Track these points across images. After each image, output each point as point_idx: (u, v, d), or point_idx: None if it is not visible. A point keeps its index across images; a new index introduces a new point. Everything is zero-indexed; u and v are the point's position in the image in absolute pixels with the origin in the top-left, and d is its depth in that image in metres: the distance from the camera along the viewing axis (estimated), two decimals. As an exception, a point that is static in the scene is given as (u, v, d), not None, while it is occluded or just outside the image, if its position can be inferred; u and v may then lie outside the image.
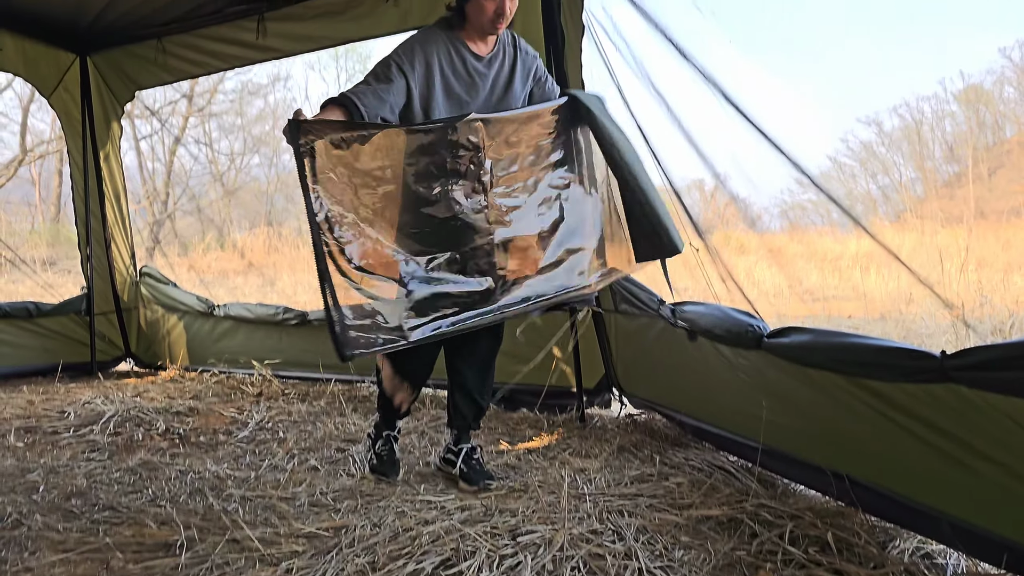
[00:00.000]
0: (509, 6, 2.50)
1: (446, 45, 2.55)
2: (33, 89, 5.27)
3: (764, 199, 3.43)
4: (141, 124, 14.97)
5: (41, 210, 15.85)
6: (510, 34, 2.72)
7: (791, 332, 2.46)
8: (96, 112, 5.29)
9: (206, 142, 16.39)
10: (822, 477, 2.34)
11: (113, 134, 5.39)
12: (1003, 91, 7.67)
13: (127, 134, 5.68)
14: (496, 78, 2.65)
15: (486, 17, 2.50)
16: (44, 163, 15.59)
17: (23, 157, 14.95)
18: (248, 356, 4.97)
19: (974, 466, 1.84)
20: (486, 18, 2.50)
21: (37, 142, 15.24)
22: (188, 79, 5.70)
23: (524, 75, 2.72)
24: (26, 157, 15.03)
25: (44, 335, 5.19)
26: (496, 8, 2.47)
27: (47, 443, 3.43)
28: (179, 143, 15.91)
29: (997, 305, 5.50)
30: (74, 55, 5.21)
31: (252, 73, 16.04)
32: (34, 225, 15.28)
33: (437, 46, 2.53)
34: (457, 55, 2.57)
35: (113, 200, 5.43)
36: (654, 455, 3.07)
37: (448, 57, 2.55)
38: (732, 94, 2.75)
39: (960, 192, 7.94)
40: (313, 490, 2.74)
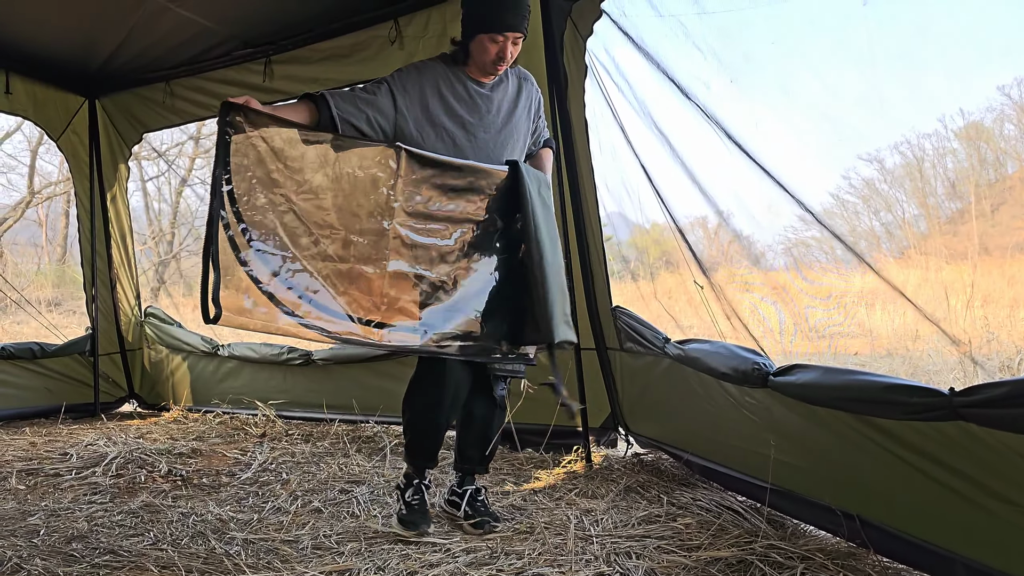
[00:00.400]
0: (511, 50, 2.55)
1: (446, 72, 2.61)
2: (42, 132, 5.33)
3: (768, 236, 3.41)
4: (148, 165, 15.10)
5: (47, 251, 15.93)
6: (517, 68, 2.77)
7: (798, 370, 2.44)
8: (104, 154, 5.35)
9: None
10: (832, 517, 2.31)
11: (120, 175, 5.44)
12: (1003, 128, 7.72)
13: (134, 175, 5.75)
14: (501, 102, 2.68)
15: (488, 58, 2.55)
16: (51, 204, 15.70)
17: (30, 199, 15.07)
18: (252, 396, 4.95)
19: (987, 505, 1.81)
20: (488, 59, 2.55)
21: (44, 184, 15.37)
22: (195, 121, 5.75)
23: (528, 105, 2.76)
24: (33, 199, 15.15)
25: (48, 376, 5.19)
26: (498, 51, 2.53)
27: (49, 485, 3.40)
28: (185, 184, 16.04)
29: (1004, 341, 5.46)
30: (83, 98, 5.29)
31: (258, 115, 16.18)
32: (40, 266, 15.34)
33: (435, 73, 2.60)
34: (458, 81, 2.62)
35: (119, 241, 5.47)
36: (661, 495, 3.03)
37: (448, 82, 2.60)
38: (734, 132, 2.78)
39: (963, 228, 7.94)
40: (316, 532, 2.70)
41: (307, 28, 4.39)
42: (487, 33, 2.52)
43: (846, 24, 2.73)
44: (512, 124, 2.71)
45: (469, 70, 2.64)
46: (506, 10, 2.51)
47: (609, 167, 3.64)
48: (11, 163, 14.93)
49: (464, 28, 2.60)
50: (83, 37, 4.57)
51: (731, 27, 2.90)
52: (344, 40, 4.32)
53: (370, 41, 4.21)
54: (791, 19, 2.81)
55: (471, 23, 2.57)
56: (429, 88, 2.57)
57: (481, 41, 2.53)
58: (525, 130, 2.77)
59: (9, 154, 14.64)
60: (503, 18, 2.51)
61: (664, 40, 3.08)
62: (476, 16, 2.55)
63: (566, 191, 3.68)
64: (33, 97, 5.04)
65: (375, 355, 4.46)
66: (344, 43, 4.32)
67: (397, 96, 2.53)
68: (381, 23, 4.15)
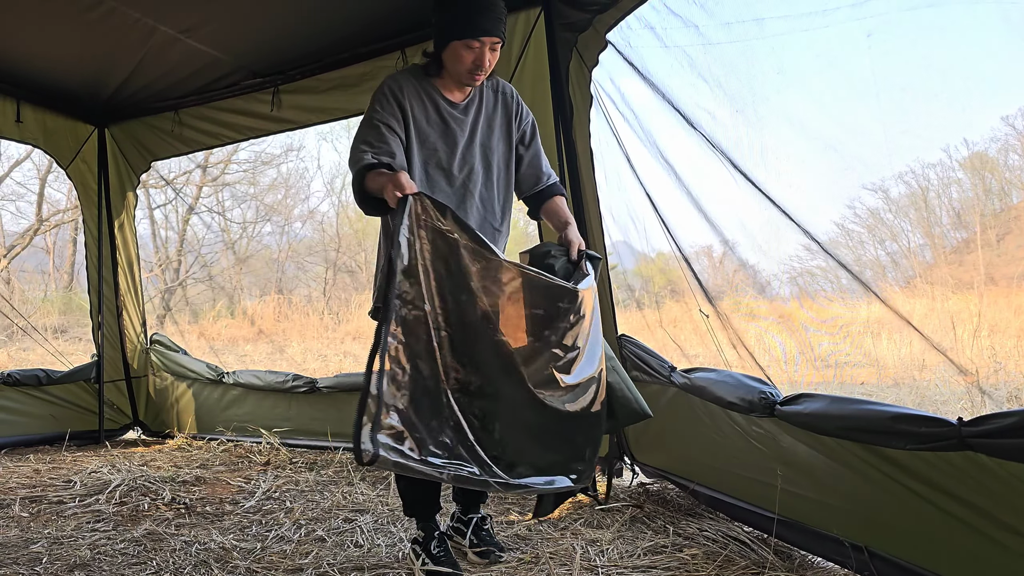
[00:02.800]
0: (489, 57, 2.37)
1: (416, 90, 2.42)
2: (51, 160, 5.39)
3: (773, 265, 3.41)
4: (156, 193, 15.24)
5: (54, 278, 16.00)
6: (494, 79, 2.60)
7: (804, 399, 2.43)
8: (112, 182, 5.40)
9: (219, 211, 16.63)
10: (840, 549, 2.29)
11: (128, 203, 5.48)
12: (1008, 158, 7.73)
13: (141, 203, 5.78)
14: (475, 124, 2.51)
15: (463, 67, 2.37)
16: (59, 232, 15.81)
17: (38, 226, 15.18)
18: (256, 424, 4.94)
19: (996, 536, 1.79)
20: (463, 68, 2.37)
21: (53, 211, 15.49)
22: (203, 150, 5.80)
23: (506, 121, 2.58)
24: (41, 226, 15.26)
25: (53, 403, 5.19)
26: (475, 59, 2.35)
27: (52, 513, 3.39)
28: (192, 212, 16.15)
29: (1012, 371, 5.44)
30: (92, 127, 5.34)
31: (266, 144, 16.35)
32: (47, 293, 15.41)
33: (407, 92, 2.40)
34: (429, 100, 2.44)
35: (126, 268, 5.50)
36: (667, 525, 3.01)
37: (420, 103, 2.42)
38: (739, 162, 2.79)
39: (969, 258, 7.93)
40: (320, 562, 2.68)
41: (315, 58, 4.45)
42: (461, 39, 2.33)
43: (851, 56, 2.75)
44: (490, 150, 2.54)
45: (443, 84, 2.46)
46: (480, 13, 2.32)
47: (614, 196, 3.66)
48: (20, 191, 15.08)
49: (436, 36, 2.41)
50: (94, 67, 4.64)
51: (736, 58, 2.93)
52: (352, 70, 4.37)
53: (377, 71, 4.26)
54: (796, 50, 2.83)
55: (443, 30, 2.37)
56: (407, 112, 2.38)
57: (455, 49, 2.35)
58: (504, 151, 2.59)
59: (18, 182, 14.78)
60: (477, 22, 2.31)
61: (670, 70, 3.11)
62: (448, 22, 2.36)
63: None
64: (43, 126, 5.10)
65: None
66: (352, 72, 4.37)
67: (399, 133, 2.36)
68: (388, 53, 4.20)
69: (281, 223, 17.04)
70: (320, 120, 4.75)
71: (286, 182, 17.45)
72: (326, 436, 4.68)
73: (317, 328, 13.41)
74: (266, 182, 17.11)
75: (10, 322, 10.50)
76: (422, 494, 2.58)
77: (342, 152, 23.30)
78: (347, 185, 18.91)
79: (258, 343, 12.32)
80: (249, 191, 16.80)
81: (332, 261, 17.02)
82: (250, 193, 16.81)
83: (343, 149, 23.51)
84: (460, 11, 2.33)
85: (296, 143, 17.99)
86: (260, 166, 16.67)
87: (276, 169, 17.07)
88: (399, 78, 2.44)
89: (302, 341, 12.27)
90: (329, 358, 10.80)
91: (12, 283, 14.44)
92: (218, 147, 5.74)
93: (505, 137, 2.59)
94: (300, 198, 18.12)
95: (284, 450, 4.69)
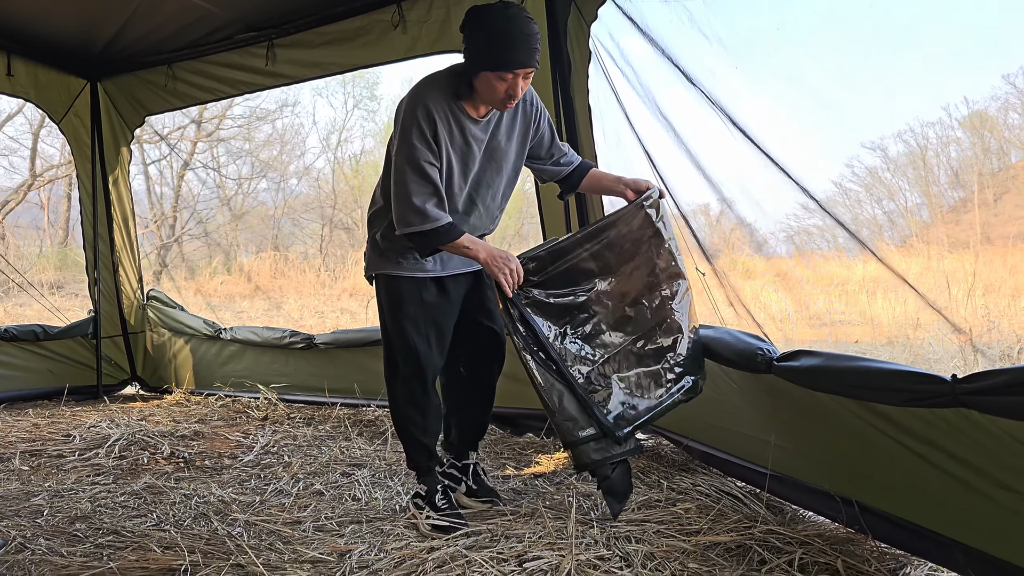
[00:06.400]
0: (523, 85, 2.30)
1: (447, 115, 2.37)
2: (44, 114, 5.32)
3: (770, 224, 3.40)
4: (150, 148, 15.09)
5: (49, 234, 15.93)
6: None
7: (801, 356, 2.44)
8: (106, 137, 5.34)
9: (214, 167, 16.50)
10: (832, 503, 2.32)
11: (122, 159, 5.43)
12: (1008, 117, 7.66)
13: (136, 159, 5.73)
14: (493, 137, 2.49)
15: (496, 96, 2.31)
16: (53, 187, 15.70)
17: (32, 182, 15.06)
18: (254, 380, 4.97)
19: (988, 492, 1.82)
20: (496, 97, 2.32)
21: (46, 167, 15.36)
22: (197, 105, 5.74)
23: (524, 128, 2.56)
24: (35, 182, 15.14)
25: (51, 358, 5.20)
26: (508, 88, 2.29)
27: (52, 467, 3.42)
28: (187, 168, 16.02)
29: (1005, 330, 5.47)
30: (85, 81, 5.27)
31: (261, 99, 16.17)
32: (42, 249, 15.35)
33: (439, 121, 2.35)
34: (456, 125, 2.39)
35: (121, 224, 5.47)
36: (661, 480, 3.05)
37: (448, 129, 2.38)
38: (739, 119, 2.77)
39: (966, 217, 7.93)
40: (318, 515, 2.72)
41: (310, 12, 4.37)
42: (495, 72, 2.26)
43: (852, 13, 2.72)
44: (501, 161, 2.55)
45: (470, 105, 2.41)
46: (515, 46, 2.24)
47: (613, 154, 3.63)
48: (13, 146, 14.94)
49: (468, 61, 2.33)
50: (85, 19, 4.56)
51: (737, 13, 2.89)
52: (347, 24, 4.30)
53: (373, 25, 4.20)
54: (797, 7, 2.79)
55: (475, 58, 2.29)
56: (440, 143, 2.36)
57: (487, 79, 2.28)
58: (515, 158, 2.60)
59: (11, 137, 14.63)
60: (513, 56, 2.24)
61: (669, 26, 3.06)
62: (481, 53, 2.28)
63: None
64: (35, 79, 5.03)
65: (377, 339, 4.48)
66: (347, 27, 4.30)
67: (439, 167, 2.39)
68: (384, 7, 4.13)
69: (277, 179, 16.93)
70: (315, 75, 4.69)
71: (281, 138, 17.31)
72: (323, 392, 4.71)
73: (314, 285, 13.41)
74: (261, 138, 16.97)
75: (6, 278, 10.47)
76: (426, 448, 2.64)
77: (337, 108, 23.02)
78: (343, 142, 18.69)
79: (255, 299, 12.33)
80: (244, 147, 16.66)
81: (328, 218, 16.95)
82: (245, 149, 16.67)
83: (338, 105, 23.25)
84: (494, 43, 2.25)
85: (291, 98, 17.79)
86: (255, 121, 16.51)
87: (271, 125, 16.92)
88: (430, 105, 2.34)
89: (299, 298, 12.28)
90: (326, 315, 10.82)
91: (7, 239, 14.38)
92: (212, 102, 5.67)
93: (520, 145, 2.58)
94: (296, 154, 17.99)
95: (282, 406, 4.72)
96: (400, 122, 2.38)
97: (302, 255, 15.86)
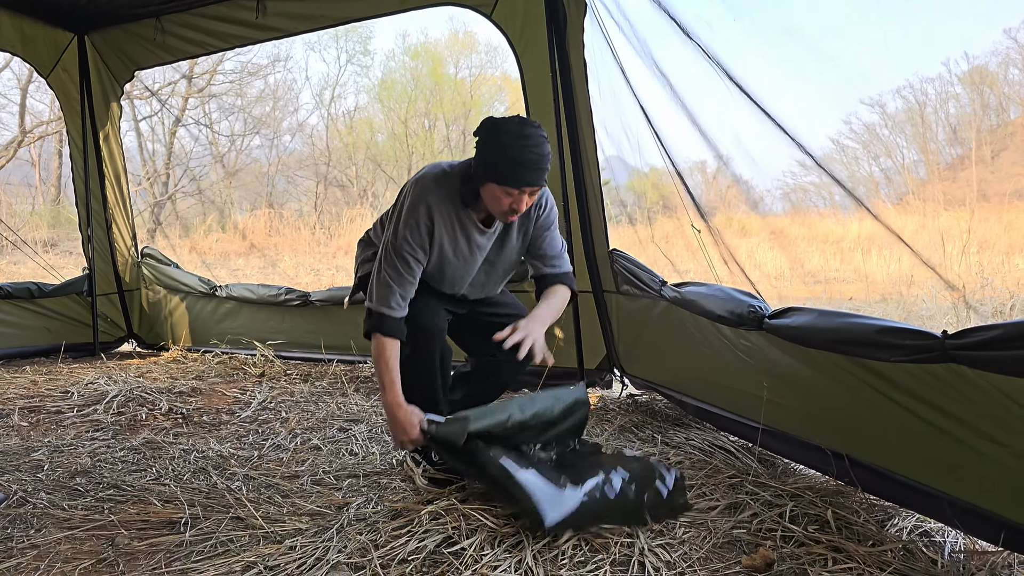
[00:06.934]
0: (527, 201, 2.31)
1: (450, 220, 2.41)
2: (31, 68, 5.23)
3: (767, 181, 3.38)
4: (141, 105, 14.92)
5: (41, 191, 15.82)
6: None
7: (793, 312, 2.46)
8: (95, 92, 5.27)
9: (206, 123, 16.33)
10: (822, 457, 2.36)
11: (112, 114, 5.37)
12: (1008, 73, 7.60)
13: (126, 115, 5.65)
14: (495, 248, 2.55)
15: (499, 207, 2.32)
16: (43, 144, 15.54)
17: (22, 138, 14.90)
18: (250, 337, 4.99)
19: (975, 445, 1.85)
20: (499, 209, 2.33)
21: (36, 123, 15.18)
22: (187, 59, 5.65)
23: (525, 229, 2.57)
24: (25, 138, 14.98)
25: (47, 316, 5.21)
26: (512, 203, 2.30)
27: (51, 422, 3.45)
28: (179, 124, 15.86)
29: (998, 287, 5.50)
30: (72, 34, 5.18)
31: (252, 53, 15.93)
32: (35, 206, 15.26)
33: (439, 223, 2.39)
34: (462, 232, 2.44)
35: (113, 181, 5.42)
36: (655, 435, 3.08)
37: (451, 234, 2.42)
38: (736, 74, 2.74)
39: (963, 174, 7.91)
40: (316, 469, 2.75)
41: (301, -38, 4.29)
42: (501, 186, 2.27)
43: (853, -38, 2.68)
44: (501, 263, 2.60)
45: (476, 212, 2.44)
46: (525, 167, 2.24)
47: (609, 110, 3.60)
48: (1, 102, 14.73)
49: (476, 169, 2.33)
50: (72, -30, 4.46)
51: (736, -38, 2.83)
52: (339, -25, 4.22)
53: (365, -23, 4.13)
54: (797, -43, 2.75)
55: (485, 169, 2.29)
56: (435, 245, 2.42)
57: (492, 190, 2.29)
58: (514, 256, 2.62)
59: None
60: (521, 175, 2.24)
61: (666, -25, 3.01)
62: (491, 165, 2.27)
63: (564, 134, 3.65)
64: (21, 32, 4.94)
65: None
66: (339, -22, 4.23)
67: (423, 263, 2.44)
68: (377, -42, 4.05)
69: (270, 136, 16.80)
70: (307, 28, 4.61)
71: (274, 94, 17.12)
72: (319, 349, 4.73)
73: (309, 242, 13.39)
74: (253, 93, 16.77)
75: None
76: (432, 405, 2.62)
77: (330, 63, 22.72)
78: (337, 98, 18.49)
79: (250, 257, 12.31)
80: (236, 103, 16.48)
81: (323, 175, 16.86)
82: (237, 105, 16.49)
83: (331, 60, 22.93)
84: (504, 159, 2.24)
85: (283, 53, 17.54)
86: (247, 77, 16.31)
87: (263, 80, 16.71)
88: (434, 208, 2.38)
89: (294, 255, 12.26)
90: (321, 272, 10.82)
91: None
92: (203, 56, 5.58)
93: (521, 244, 2.60)
94: (289, 110, 17.82)
95: (278, 362, 4.75)
96: (402, 205, 2.41)
97: (297, 212, 15.81)
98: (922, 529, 2.12)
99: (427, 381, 2.53)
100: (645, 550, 1.99)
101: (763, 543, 2.03)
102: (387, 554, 1.98)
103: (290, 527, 2.17)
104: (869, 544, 1.99)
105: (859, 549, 1.94)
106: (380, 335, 2.41)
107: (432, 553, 2.00)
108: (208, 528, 2.18)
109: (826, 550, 1.97)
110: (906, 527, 2.12)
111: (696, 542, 2.06)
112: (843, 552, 1.95)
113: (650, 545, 2.02)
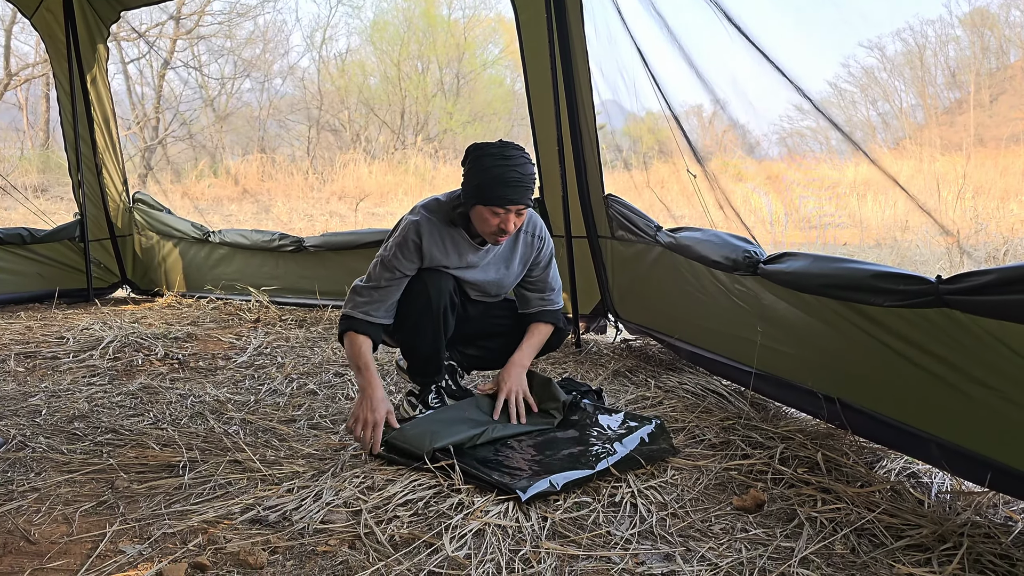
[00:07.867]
0: (515, 221, 2.39)
1: (441, 241, 2.50)
2: (14, 9, 5.11)
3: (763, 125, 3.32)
4: (128, 47, 14.60)
5: (30, 136, 15.58)
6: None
7: (788, 257, 2.46)
8: (81, 33, 5.15)
9: (195, 66, 16.03)
10: (813, 400, 2.38)
11: (99, 56, 5.26)
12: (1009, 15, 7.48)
13: (114, 57, 5.54)
14: (491, 261, 2.61)
15: (488, 229, 2.41)
16: (30, 87, 15.25)
17: (8, 81, 14.62)
18: (245, 282, 4.98)
19: (965, 389, 1.87)
20: (488, 230, 2.41)
21: (22, 65, 14.88)
22: (174, -1, 5.52)
23: (525, 257, 2.65)
24: (11, 81, 14.70)
25: (39, 262, 5.19)
26: (499, 223, 2.38)
27: (47, 368, 3.46)
28: (168, 67, 15.56)
29: (992, 232, 5.51)
30: (56, -28, 5.05)
31: (240, -8, 15.56)
32: (23, 151, 15.04)
33: (432, 244, 2.48)
34: (455, 250, 2.52)
35: (102, 125, 5.34)
36: (649, 379, 3.11)
37: (443, 252, 2.50)
38: (734, 14, 2.69)
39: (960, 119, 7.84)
40: (312, 413, 2.78)
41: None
42: (487, 206, 2.36)
43: None
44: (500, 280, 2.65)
45: (471, 233, 2.53)
46: (507, 185, 2.33)
47: (604, 52, 3.54)
48: (-15, 43, 14.41)
49: (463, 193, 2.44)
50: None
51: None
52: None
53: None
54: None
55: (470, 192, 2.40)
56: (426, 258, 2.50)
57: (480, 212, 2.39)
58: (513, 278, 2.68)
59: (-18, 34, 14.13)
60: (504, 194, 2.33)
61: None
62: (475, 186, 2.37)
63: (559, 77, 3.60)
64: (4, -29, 4.82)
65: (367, 241, 4.46)
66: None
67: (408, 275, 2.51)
68: None
69: (261, 79, 16.49)
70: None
71: (264, 35, 16.75)
72: (314, 294, 4.73)
73: (302, 188, 13.27)
74: (243, 35, 16.41)
75: (-12, 181, 10.27)
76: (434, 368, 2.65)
77: (320, 4, 22.23)
78: (328, 40, 18.15)
79: (243, 203, 12.21)
80: (225, 45, 16.14)
81: (315, 119, 16.63)
82: (227, 47, 16.15)
83: (322, 1, 22.41)
84: (489, 180, 2.34)
85: (273, -8, 17.13)
86: (236, 18, 15.93)
87: (253, 21, 16.33)
88: (423, 225, 2.48)
89: (287, 201, 12.17)
90: (315, 218, 10.76)
91: (-14, 141, 14.08)
92: (190, -4, 5.46)
93: (520, 267, 2.67)
94: (279, 53, 17.44)
95: (273, 308, 4.75)
96: (396, 233, 2.52)
97: (289, 157, 15.62)
98: (910, 471, 2.16)
99: (430, 336, 2.55)
100: (636, 493, 2.02)
101: (754, 484, 2.07)
102: (381, 496, 2.01)
103: (287, 470, 2.20)
104: (858, 485, 2.03)
105: (848, 490, 1.98)
106: (354, 332, 2.49)
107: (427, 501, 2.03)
108: (206, 471, 2.20)
109: (815, 491, 2.00)
110: (894, 469, 2.16)
111: (688, 484, 2.09)
112: (832, 493, 1.99)
113: (642, 487, 2.05)
